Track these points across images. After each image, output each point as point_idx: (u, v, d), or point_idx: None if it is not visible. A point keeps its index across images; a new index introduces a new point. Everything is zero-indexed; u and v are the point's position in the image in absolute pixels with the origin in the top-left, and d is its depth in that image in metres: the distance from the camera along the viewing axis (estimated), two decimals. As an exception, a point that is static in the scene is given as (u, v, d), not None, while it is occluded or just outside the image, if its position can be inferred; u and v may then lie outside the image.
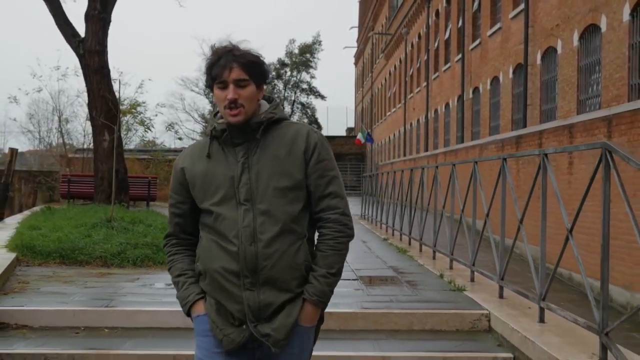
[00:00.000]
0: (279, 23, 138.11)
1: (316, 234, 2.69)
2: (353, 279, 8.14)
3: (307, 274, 2.58)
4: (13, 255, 8.83)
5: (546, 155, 5.44)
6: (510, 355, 5.25)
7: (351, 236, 2.65)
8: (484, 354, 5.35)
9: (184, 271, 2.70)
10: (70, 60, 48.28)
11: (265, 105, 2.71)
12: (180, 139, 44.18)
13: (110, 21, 18.58)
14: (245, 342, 2.56)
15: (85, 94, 19.00)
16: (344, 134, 63.18)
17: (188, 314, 2.67)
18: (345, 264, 9.17)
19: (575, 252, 4.79)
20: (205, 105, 60.04)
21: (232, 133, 2.62)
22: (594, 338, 4.50)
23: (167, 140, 57.10)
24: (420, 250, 10.93)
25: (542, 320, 5.41)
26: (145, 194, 21.76)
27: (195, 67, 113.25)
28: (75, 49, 18.41)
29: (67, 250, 9.19)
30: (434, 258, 9.84)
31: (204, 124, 53.80)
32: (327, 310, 2.69)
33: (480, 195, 7.65)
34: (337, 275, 2.61)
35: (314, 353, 2.73)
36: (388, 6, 47.70)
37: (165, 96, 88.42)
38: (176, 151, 38.43)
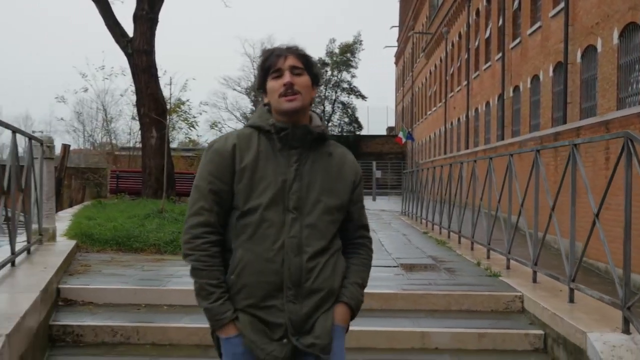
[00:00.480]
0: (319, 23, 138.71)
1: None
2: (394, 266, 8.56)
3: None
4: (73, 242, 9.41)
5: (575, 145, 5.78)
6: (541, 331, 5.60)
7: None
8: (516, 330, 5.72)
9: (221, 283, 2.51)
10: (115, 60, 49.58)
11: (316, 117, 2.67)
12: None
13: (157, 21, 19.21)
14: (288, 356, 2.49)
15: (130, 93, 19.70)
16: (384, 133, 63.39)
17: (215, 331, 2.55)
18: (385, 253, 9.49)
19: (601, 235, 5.12)
20: (247, 104, 60.70)
21: (293, 133, 2.53)
22: (619, 315, 4.83)
23: (210, 139, 58.36)
24: (459, 242, 11.27)
25: (571, 300, 5.75)
26: (191, 190, 22.40)
27: (238, 67, 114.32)
28: (123, 48, 19.09)
29: (123, 238, 9.75)
30: (472, 249, 10.18)
31: (245, 122, 53.84)
32: (369, 290, 2.92)
33: (516, 188, 7.99)
34: (364, 287, 2.70)
35: (357, 328, 3.04)
36: (429, 5, 47.89)
37: (208, 95, 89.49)
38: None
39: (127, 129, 31.70)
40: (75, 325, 5.88)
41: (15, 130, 6.71)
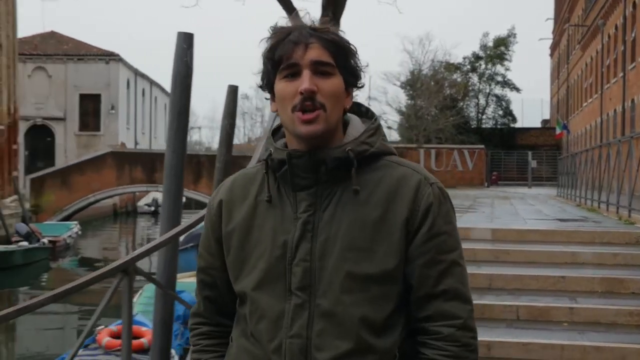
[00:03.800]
0: (472, 16, 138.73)
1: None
2: (551, 219, 11.00)
3: None
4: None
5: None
6: (659, 253, 7.93)
7: None
8: (640, 252, 8.08)
9: None
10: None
11: (357, 123, 1.69)
12: (389, 127, 47.53)
13: (339, 26, 22.22)
14: None
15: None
16: (539, 125, 63.75)
17: None
18: (544, 215, 12.48)
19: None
20: (404, 98, 61.13)
21: (294, 168, 1.61)
22: None
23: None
24: (607, 210, 13.35)
25: (684, 232, 8.01)
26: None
27: (397, 62, 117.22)
28: (308, 51, 22.33)
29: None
30: (617, 212, 12.27)
31: (400, 116, 54.19)
32: (531, 228, 3.75)
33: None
34: None
35: (524, 248, 4.29)
36: (585, -2, 48.23)
37: (369, 90, 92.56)
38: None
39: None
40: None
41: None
